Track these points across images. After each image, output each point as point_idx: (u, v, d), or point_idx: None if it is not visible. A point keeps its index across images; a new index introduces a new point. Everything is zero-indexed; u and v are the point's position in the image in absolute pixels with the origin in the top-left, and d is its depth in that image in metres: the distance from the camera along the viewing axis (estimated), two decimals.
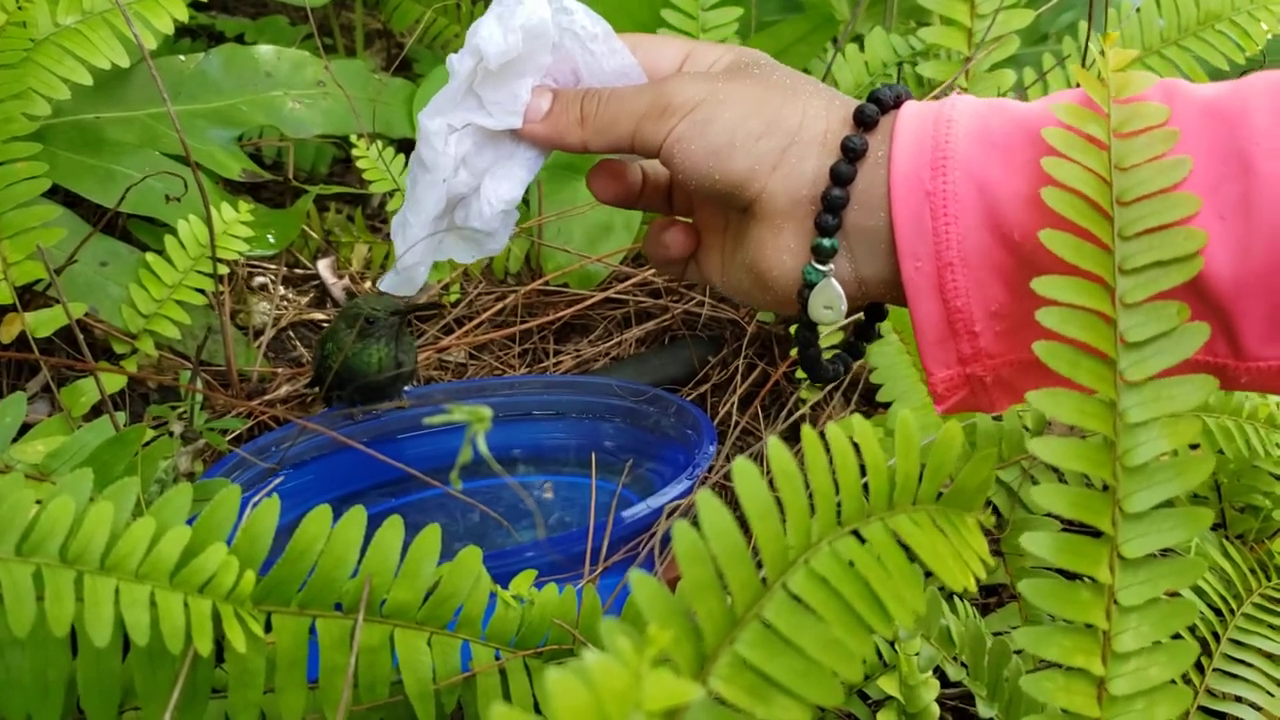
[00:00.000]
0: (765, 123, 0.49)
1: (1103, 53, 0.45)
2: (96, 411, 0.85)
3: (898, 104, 0.50)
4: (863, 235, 0.48)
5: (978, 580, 0.39)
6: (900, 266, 0.47)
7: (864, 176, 0.48)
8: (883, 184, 0.47)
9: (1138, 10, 1.06)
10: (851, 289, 0.50)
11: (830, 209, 0.48)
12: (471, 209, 0.54)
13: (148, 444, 0.64)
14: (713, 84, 0.50)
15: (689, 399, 0.98)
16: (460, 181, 0.53)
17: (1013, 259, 0.45)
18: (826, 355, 0.55)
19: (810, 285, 0.49)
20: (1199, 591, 0.69)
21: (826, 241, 0.48)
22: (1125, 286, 0.40)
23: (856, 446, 0.36)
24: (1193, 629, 0.66)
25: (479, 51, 0.50)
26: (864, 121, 0.49)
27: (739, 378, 1.01)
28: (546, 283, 1.12)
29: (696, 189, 0.50)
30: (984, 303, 0.46)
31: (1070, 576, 0.40)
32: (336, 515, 0.48)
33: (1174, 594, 0.39)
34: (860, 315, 0.56)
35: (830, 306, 0.49)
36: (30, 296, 0.89)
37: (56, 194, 0.95)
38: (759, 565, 0.31)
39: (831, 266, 0.49)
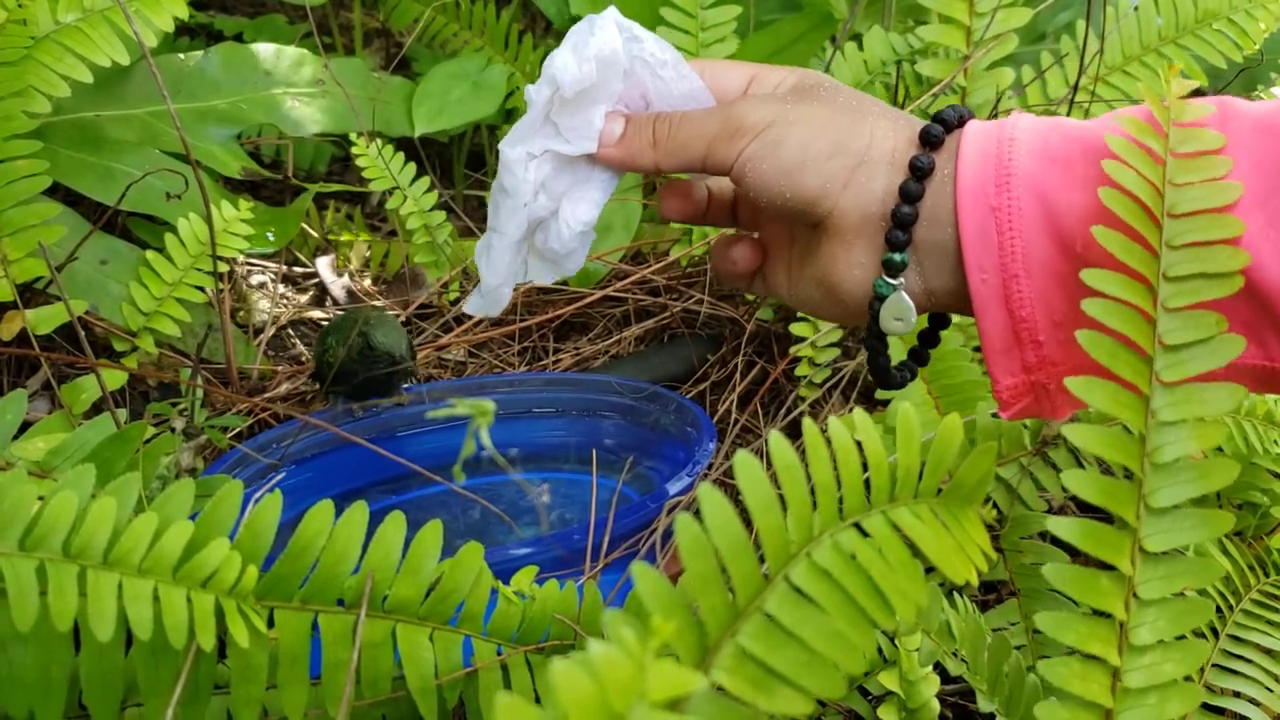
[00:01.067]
0: (834, 143, 0.50)
1: (1167, 81, 0.47)
2: (97, 409, 0.85)
3: (961, 123, 0.52)
4: (931, 249, 0.50)
5: (979, 575, 0.40)
6: (967, 278, 0.49)
7: (931, 194, 0.50)
8: (949, 200, 0.49)
9: (1135, 9, 1.06)
10: (920, 300, 0.52)
11: (900, 225, 0.50)
12: (550, 231, 0.56)
13: (149, 441, 0.64)
14: (782, 106, 0.51)
15: (689, 396, 0.98)
16: (540, 205, 0.55)
17: (1074, 269, 0.47)
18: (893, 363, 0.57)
19: (881, 298, 0.52)
20: (1201, 591, 0.69)
21: (897, 256, 0.50)
22: (1167, 292, 0.42)
23: (858, 441, 0.36)
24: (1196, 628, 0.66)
25: (555, 81, 0.52)
26: (930, 141, 0.51)
27: (738, 375, 1.01)
28: None
29: (767, 206, 0.52)
30: (1048, 312, 0.48)
31: (1084, 566, 0.40)
32: (338, 512, 0.48)
33: (1180, 593, 0.40)
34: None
35: (900, 318, 0.52)
36: (31, 294, 0.89)
37: (57, 192, 0.95)
38: (761, 558, 0.31)
39: (902, 280, 0.51)
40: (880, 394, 0.86)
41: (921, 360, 0.58)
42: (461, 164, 1.36)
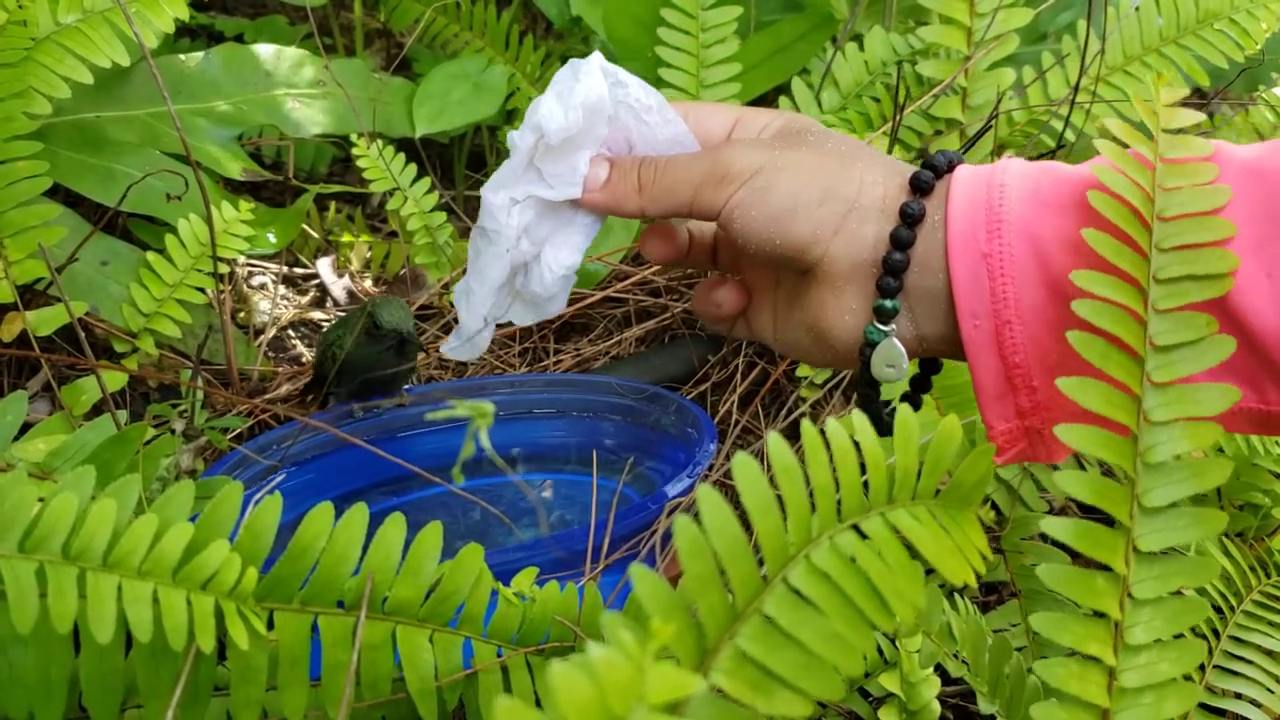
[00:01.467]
0: (824, 190, 0.50)
1: (1156, 89, 0.47)
2: (97, 410, 0.85)
3: (951, 169, 0.51)
4: (922, 295, 0.50)
5: (979, 577, 0.40)
6: (960, 325, 0.49)
7: (922, 240, 0.50)
8: (940, 247, 0.49)
9: (1137, 9, 1.06)
10: (912, 346, 0.51)
11: (891, 272, 0.50)
12: (533, 275, 0.56)
13: (149, 442, 0.64)
14: (770, 151, 0.51)
15: (689, 397, 0.98)
16: (522, 251, 0.55)
17: (1067, 314, 0.46)
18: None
19: (872, 345, 0.51)
20: (1199, 589, 0.69)
21: (889, 303, 0.50)
22: (1158, 294, 0.42)
23: (856, 443, 0.36)
24: (1193, 626, 0.66)
25: (540, 128, 0.52)
26: (920, 187, 0.50)
27: (739, 376, 1.01)
28: None
29: (756, 253, 0.52)
30: (1041, 357, 0.48)
31: (1085, 567, 0.40)
32: (337, 514, 0.48)
33: (1176, 593, 0.40)
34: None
35: (893, 365, 0.51)
36: (31, 295, 0.89)
37: (57, 193, 0.95)
38: (760, 560, 0.31)
39: (893, 326, 0.51)
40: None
41: (915, 405, 0.58)
42: (462, 165, 1.36)
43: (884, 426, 0.56)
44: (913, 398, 0.57)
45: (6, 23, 0.85)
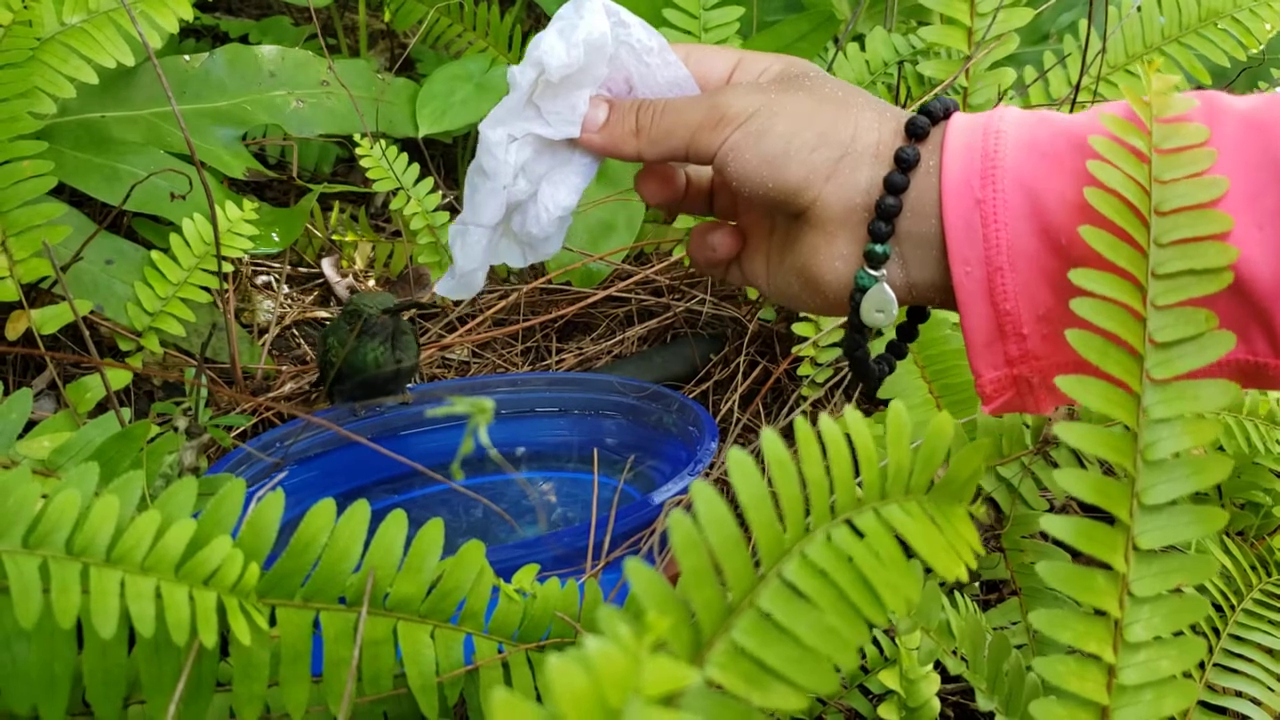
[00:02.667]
0: (819, 134, 0.50)
1: (1149, 78, 0.47)
2: (102, 408, 0.85)
3: (947, 115, 0.51)
4: (914, 241, 0.50)
5: (978, 575, 0.40)
6: (951, 271, 0.49)
7: (916, 185, 0.50)
8: (934, 192, 0.49)
9: (1138, 8, 1.06)
10: (902, 293, 0.51)
11: (884, 216, 0.50)
12: (529, 215, 0.55)
13: (153, 439, 0.64)
14: (766, 95, 0.51)
15: (691, 396, 0.98)
16: (519, 189, 0.54)
17: (1060, 263, 0.47)
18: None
19: (863, 290, 0.51)
20: (1200, 587, 0.69)
21: (880, 248, 0.50)
22: (1157, 290, 0.42)
23: (849, 437, 0.37)
24: (1194, 625, 0.66)
25: (541, 64, 0.52)
26: (916, 133, 0.50)
27: (740, 375, 1.01)
28: (549, 281, 1.12)
29: (750, 196, 0.52)
30: (1032, 306, 0.48)
31: (1084, 565, 0.40)
32: (339, 511, 0.48)
33: (1175, 590, 0.40)
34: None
35: (882, 310, 0.51)
36: (36, 294, 0.90)
37: (62, 192, 0.95)
38: (754, 555, 0.32)
39: (884, 272, 0.51)
40: (882, 393, 0.86)
41: (900, 353, 0.58)
42: (465, 165, 1.36)
43: (868, 372, 0.56)
44: (899, 347, 0.57)
45: (12, 23, 0.85)
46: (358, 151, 1.06)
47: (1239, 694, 0.66)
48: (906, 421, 0.38)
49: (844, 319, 0.54)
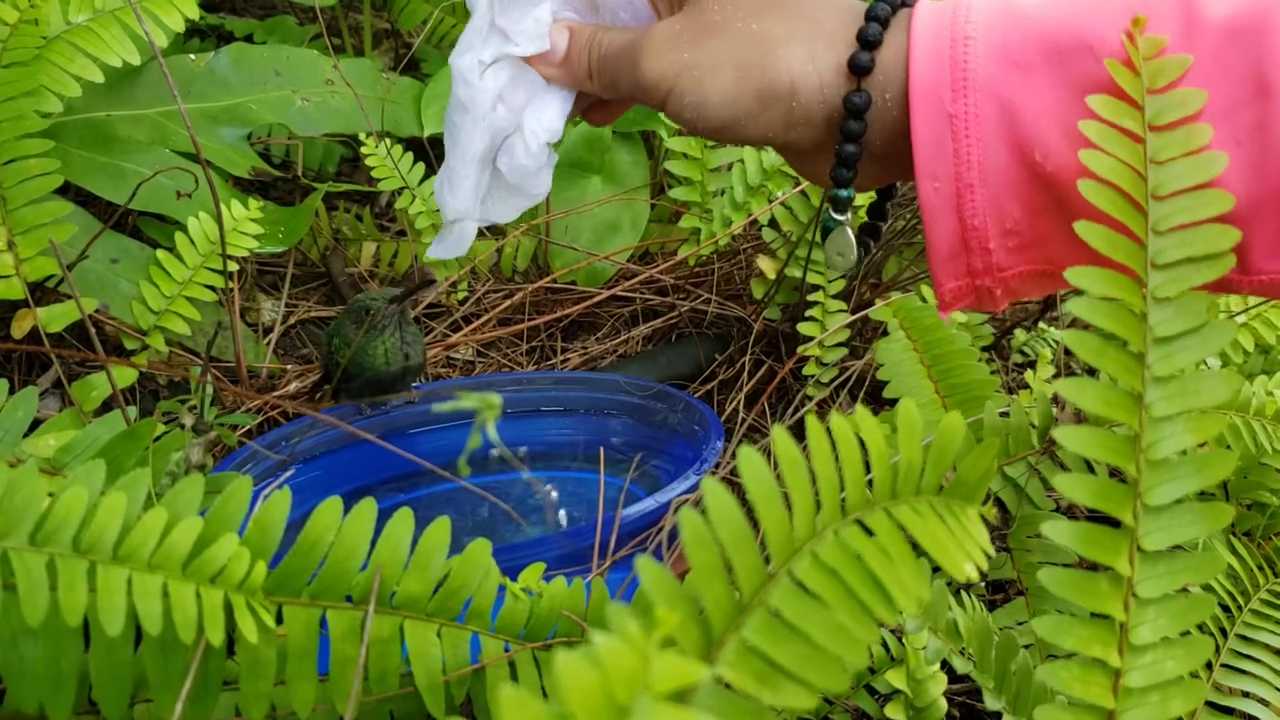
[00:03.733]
0: (756, 93, 0.49)
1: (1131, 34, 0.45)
2: (107, 406, 0.85)
3: (897, 6, 0.49)
4: (880, 155, 0.50)
5: (985, 575, 0.40)
6: (918, 186, 0.47)
7: (879, 111, 0.48)
8: (901, 108, 0.48)
9: None
10: (866, 184, 0.52)
11: (844, 163, 0.49)
12: (516, 150, 0.54)
13: (159, 438, 0.64)
14: (679, 55, 0.49)
15: (696, 396, 0.98)
16: (500, 117, 0.53)
17: (1030, 177, 0.45)
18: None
19: (827, 231, 0.52)
20: (1206, 587, 0.69)
21: (844, 193, 0.50)
22: (1157, 281, 0.40)
23: (859, 436, 0.36)
24: (1201, 625, 0.66)
25: None
26: (859, 70, 0.48)
27: (746, 375, 1.01)
28: (554, 280, 1.12)
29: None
30: (999, 221, 0.47)
31: (1088, 569, 0.40)
32: (346, 509, 0.48)
33: (1182, 590, 0.39)
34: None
35: (842, 254, 0.52)
36: (42, 292, 0.90)
37: (68, 191, 0.95)
38: (765, 553, 0.31)
39: (848, 216, 0.51)
40: (888, 393, 0.86)
41: (875, 234, 0.57)
42: None
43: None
44: (873, 227, 0.57)
45: (18, 22, 0.85)
46: (363, 151, 1.06)
47: (1246, 694, 0.66)
48: (918, 420, 0.37)
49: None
